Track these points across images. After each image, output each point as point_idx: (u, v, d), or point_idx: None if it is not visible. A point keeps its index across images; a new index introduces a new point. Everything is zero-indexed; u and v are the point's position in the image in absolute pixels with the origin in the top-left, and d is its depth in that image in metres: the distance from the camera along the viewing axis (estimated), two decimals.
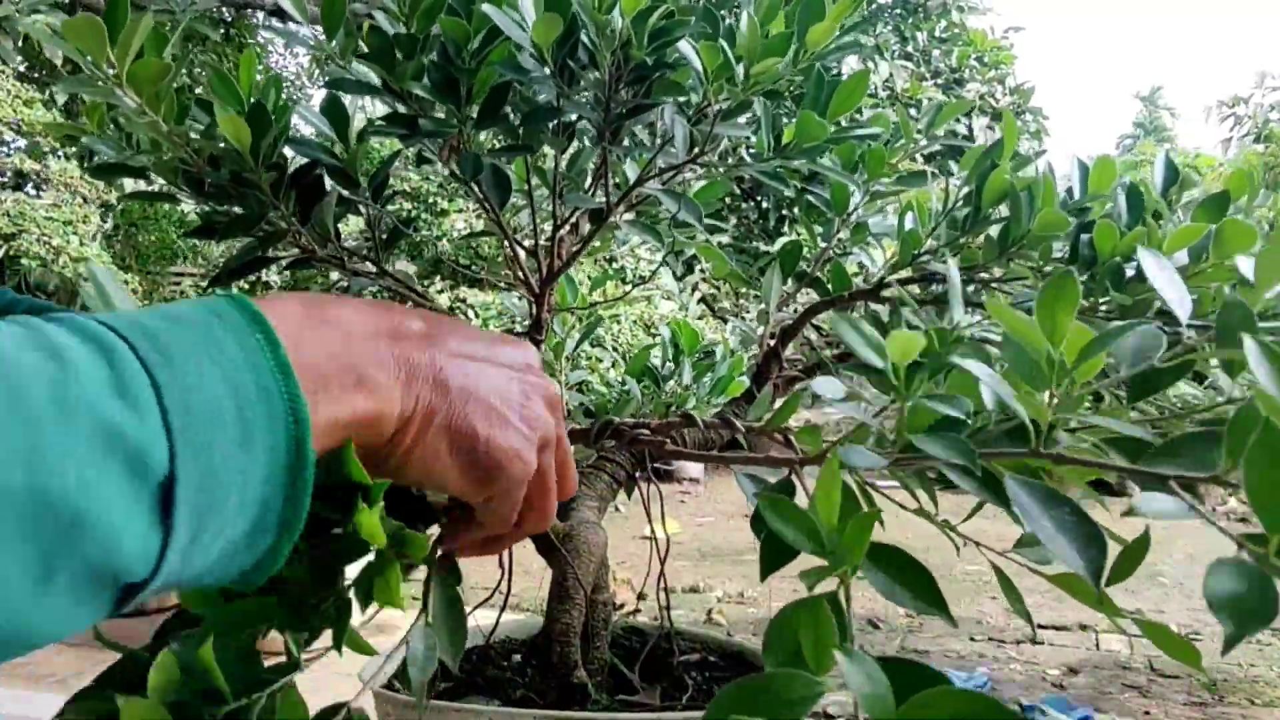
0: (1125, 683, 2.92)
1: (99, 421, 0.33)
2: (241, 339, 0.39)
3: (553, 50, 0.83)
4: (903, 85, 9.43)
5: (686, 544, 4.39)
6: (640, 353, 1.30)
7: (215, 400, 0.37)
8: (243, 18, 6.62)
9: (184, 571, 0.37)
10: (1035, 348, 0.45)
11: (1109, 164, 0.84)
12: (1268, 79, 13.03)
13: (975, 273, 0.93)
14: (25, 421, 0.32)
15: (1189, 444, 0.43)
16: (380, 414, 0.44)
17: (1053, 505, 0.44)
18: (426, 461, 0.46)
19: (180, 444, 0.35)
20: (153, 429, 0.35)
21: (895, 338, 0.49)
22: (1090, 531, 0.42)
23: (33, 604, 0.32)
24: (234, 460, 0.37)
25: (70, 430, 0.33)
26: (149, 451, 0.34)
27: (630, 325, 6.97)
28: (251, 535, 0.39)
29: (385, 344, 0.45)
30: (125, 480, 0.34)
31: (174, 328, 0.38)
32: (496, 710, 0.84)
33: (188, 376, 0.37)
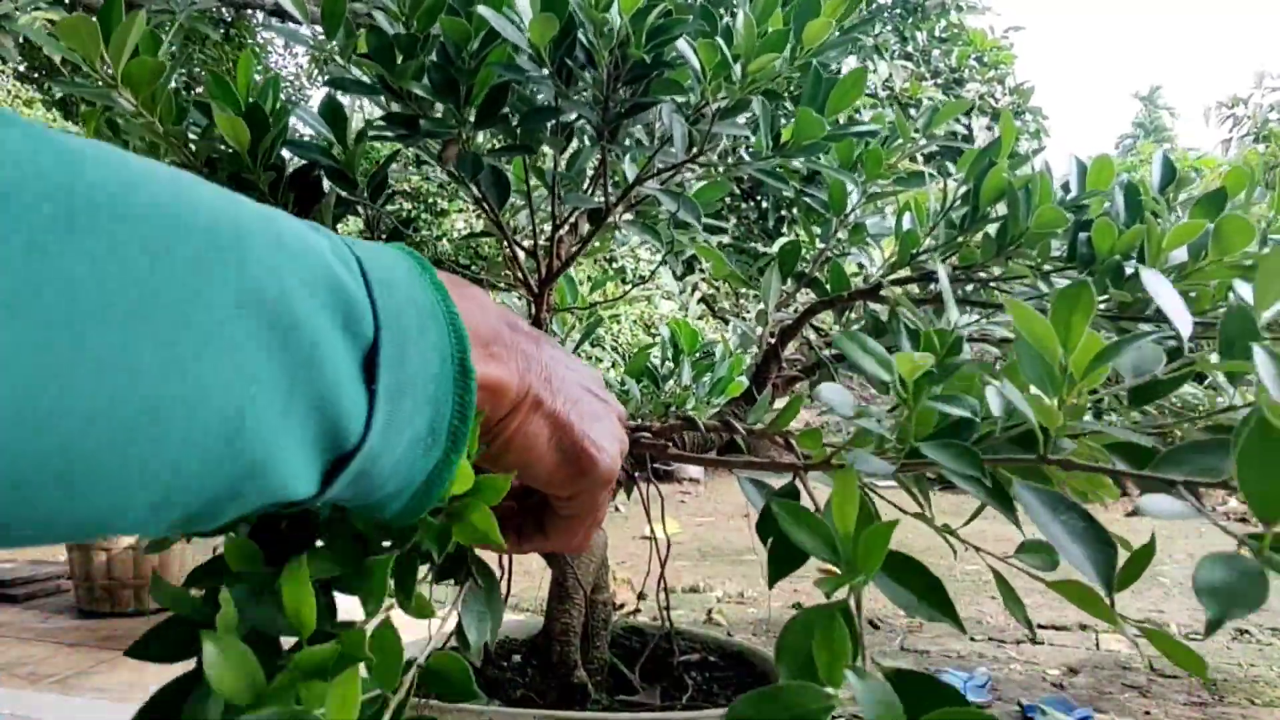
0: (1125, 683, 2.92)
1: (324, 270, 0.35)
2: (408, 258, 0.41)
3: (550, 50, 0.83)
4: (902, 85, 9.43)
5: (686, 544, 4.39)
6: (640, 353, 1.30)
7: (400, 292, 0.38)
8: (242, 18, 6.62)
9: (382, 452, 0.37)
10: (1050, 353, 0.45)
11: (1107, 162, 0.84)
12: (1267, 79, 13.03)
13: (973, 272, 0.93)
14: (278, 242, 0.33)
15: (1195, 451, 0.43)
16: (505, 385, 0.45)
17: (1062, 510, 0.44)
18: (529, 444, 0.48)
19: (382, 317, 0.37)
20: (363, 294, 0.36)
21: (903, 357, 0.49)
22: (1101, 537, 0.42)
23: (279, 433, 0.33)
24: (416, 350, 0.38)
25: (308, 262, 0.34)
26: (361, 312, 0.36)
27: (630, 325, 6.97)
28: (427, 435, 0.40)
29: (507, 329, 0.47)
30: (344, 332, 0.35)
31: (349, 248, 0.39)
32: (497, 710, 0.84)
33: (380, 264, 0.38)
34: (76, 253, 0.27)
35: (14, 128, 0.27)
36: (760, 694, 0.39)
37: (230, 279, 0.31)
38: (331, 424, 0.35)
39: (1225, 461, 0.41)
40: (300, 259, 0.34)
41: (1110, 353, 0.45)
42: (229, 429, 0.31)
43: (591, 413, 0.51)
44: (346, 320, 0.35)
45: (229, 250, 0.31)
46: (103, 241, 0.28)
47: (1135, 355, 0.49)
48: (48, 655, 2.84)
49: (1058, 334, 0.45)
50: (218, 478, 0.32)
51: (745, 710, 0.39)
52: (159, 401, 0.29)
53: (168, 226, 0.30)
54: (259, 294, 0.32)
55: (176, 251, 0.30)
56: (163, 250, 0.29)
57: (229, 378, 0.31)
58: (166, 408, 0.29)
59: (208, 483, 0.32)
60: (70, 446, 0.27)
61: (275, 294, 0.32)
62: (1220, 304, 0.73)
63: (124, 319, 0.28)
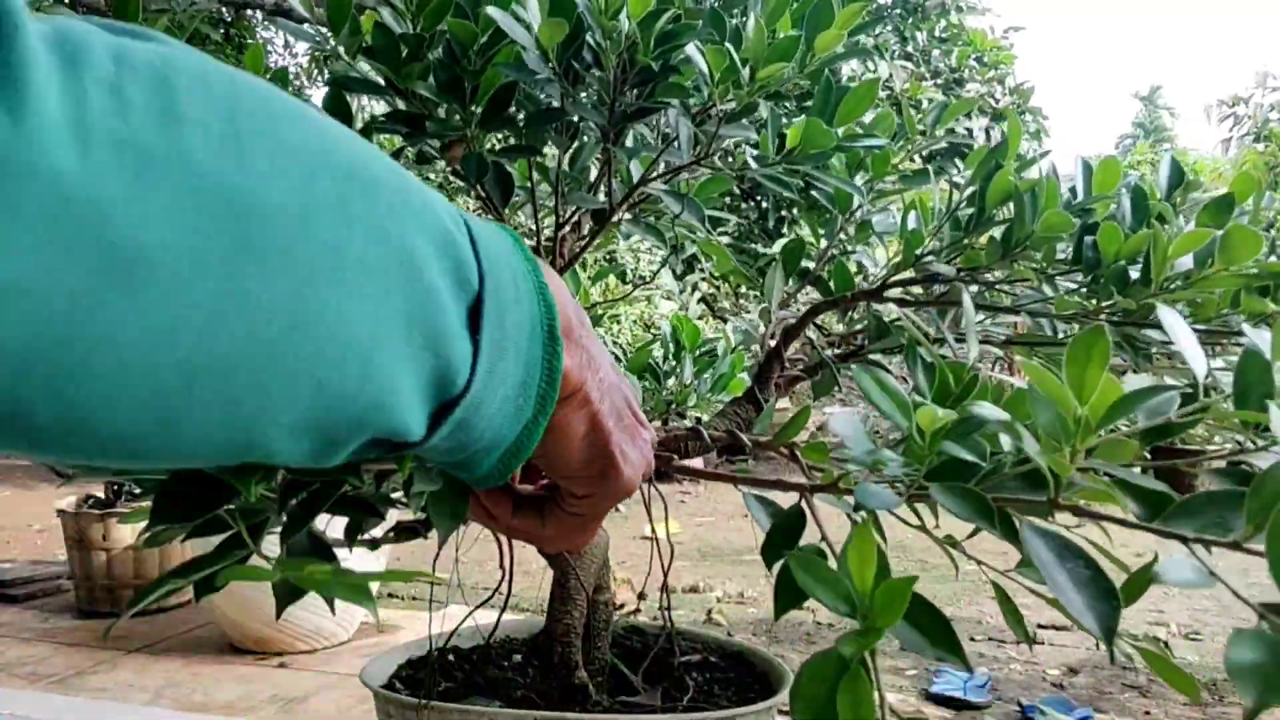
0: (1125, 683, 2.92)
1: (440, 225, 0.37)
2: (505, 236, 0.43)
3: (558, 51, 0.83)
4: (902, 85, 9.43)
5: (686, 544, 4.40)
6: (641, 350, 1.29)
7: (499, 256, 0.40)
8: (242, 18, 6.62)
9: (484, 403, 0.39)
10: (1064, 407, 0.45)
11: (1113, 165, 0.84)
12: (1268, 79, 13.02)
13: (978, 274, 0.93)
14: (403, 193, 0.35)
15: (1208, 503, 0.43)
16: (569, 372, 0.46)
17: (1068, 558, 0.44)
18: (567, 434, 0.48)
19: (486, 271, 0.38)
20: (471, 254, 0.38)
21: (924, 412, 0.49)
22: (1104, 588, 0.42)
23: (401, 367, 0.35)
24: (513, 312, 0.40)
25: (429, 215, 0.36)
26: (470, 270, 0.38)
27: (630, 324, 6.97)
28: (519, 396, 0.42)
29: (580, 326, 0.48)
30: (455, 283, 0.37)
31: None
32: (497, 710, 0.84)
33: (480, 228, 0.40)
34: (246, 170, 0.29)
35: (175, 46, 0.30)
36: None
37: (363, 218, 0.33)
38: (443, 367, 0.37)
39: (1238, 518, 0.41)
40: (422, 213, 0.36)
41: (1129, 404, 0.45)
42: (363, 356, 0.33)
43: (628, 426, 0.52)
44: (457, 274, 0.37)
45: (363, 194, 0.33)
46: (264, 163, 0.30)
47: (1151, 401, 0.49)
48: (48, 655, 2.84)
49: (1072, 384, 0.45)
50: (351, 404, 0.33)
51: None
52: (309, 317, 0.31)
53: (316, 161, 0.32)
54: (386, 236, 0.34)
55: (319, 185, 0.32)
56: (309, 179, 0.31)
57: (365, 307, 0.33)
58: (314, 324, 0.31)
59: (342, 408, 0.33)
60: (239, 348, 0.29)
61: (399, 240, 0.34)
62: (1225, 311, 0.73)
63: (285, 233, 0.30)
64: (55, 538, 3.68)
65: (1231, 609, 4.00)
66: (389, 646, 1.05)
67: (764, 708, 0.87)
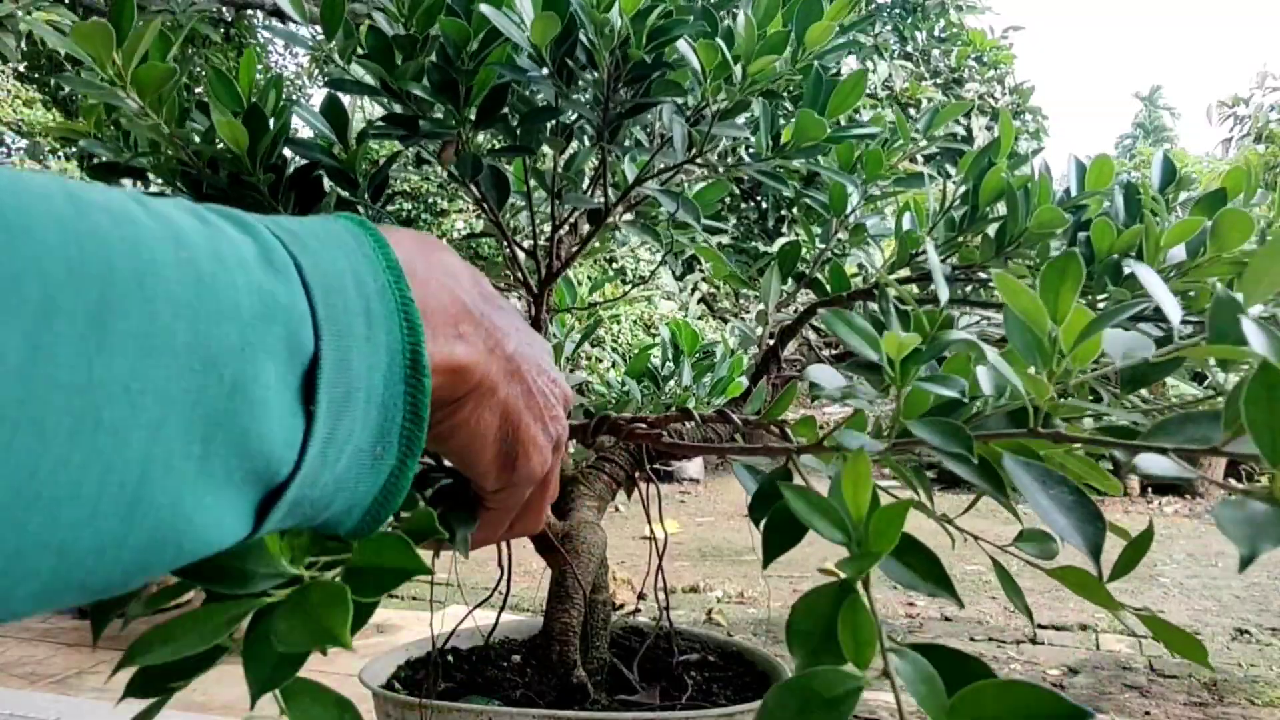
0: (1125, 683, 2.92)
1: (256, 285, 0.32)
2: (358, 239, 0.38)
3: (551, 50, 0.83)
4: (901, 85, 9.43)
5: (686, 544, 4.39)
6: (640, 353, 1.30)
7: (345, 288, 0.36)
8: (242, 18, 6.62)
9: (321, 475, 0.35)
10: (1039, 325, 0.45)
11: (1106, 163, 0.85)
12: (1268, 79, 13.02)
13: (973, 271, 0.93)
14: (196, 276, 0.29)
15: (1185, 422, 0.43)
16: (469, 367, 0.42)
17: (1051, 483, 0.44)
18: (474, 431, 0.45)
19: (323, 323, 0.34)
20: (301, 302, 0.33)
21: (890, 336, 0.49)
22: (1089, 510, 0.42)
23: (193, 490, 0.30)
24: (362, 352, 0.35)
25: (234, 290, 0.31)
26: (300, 325, 0.33)
27: (630, 325, 6.97)
28: (376, 444, 0.37)
29: (481, 302, 0.44)
30: (281, 352, 0.32)
31: (297, 221, 0.37)
32: (497, 710, 0.84)
33: (321, 260, 0.35)
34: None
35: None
36: (787, 685, 0.39)
37: (131, 330, 0.27)
38: (261, 461, 0.32)
39: (1215, 430, 0.41)
40: (222, 286, 0.30)
41: (1104, 320, 0.45)
42: (126, 500, 0.28)
43: (538, 406, 0.48)
44: (281, 340, 0.32)
45: (132, 295, 0.27)
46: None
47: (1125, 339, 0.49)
48: (48, 655, 2.84)
49: (1046, 305, 0.45)
50: (118, 554, 0.28)
51: (775, 703, 0.38)
52: (37, 481, 0.25)
53: (63, 270, 0.26)
54: (168, 342, 0.28)
55: (65, 303, 0.26)
56: (51, 306, 0.25)
57: (126, 446, 0.27)
58: (47, 487, 0.26)
59: (105, 561, 0.28)
60: None
61: (188, 337, 0.29)
62: None
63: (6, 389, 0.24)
64: None
65: (1231, 609, 4.00)
66: (388, 647, 1.05)
67: None
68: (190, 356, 0.29)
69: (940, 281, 0.64)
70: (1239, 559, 0.35)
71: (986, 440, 0.48)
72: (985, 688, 0.36)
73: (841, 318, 0.54)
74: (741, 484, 0.62)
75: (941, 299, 0.63)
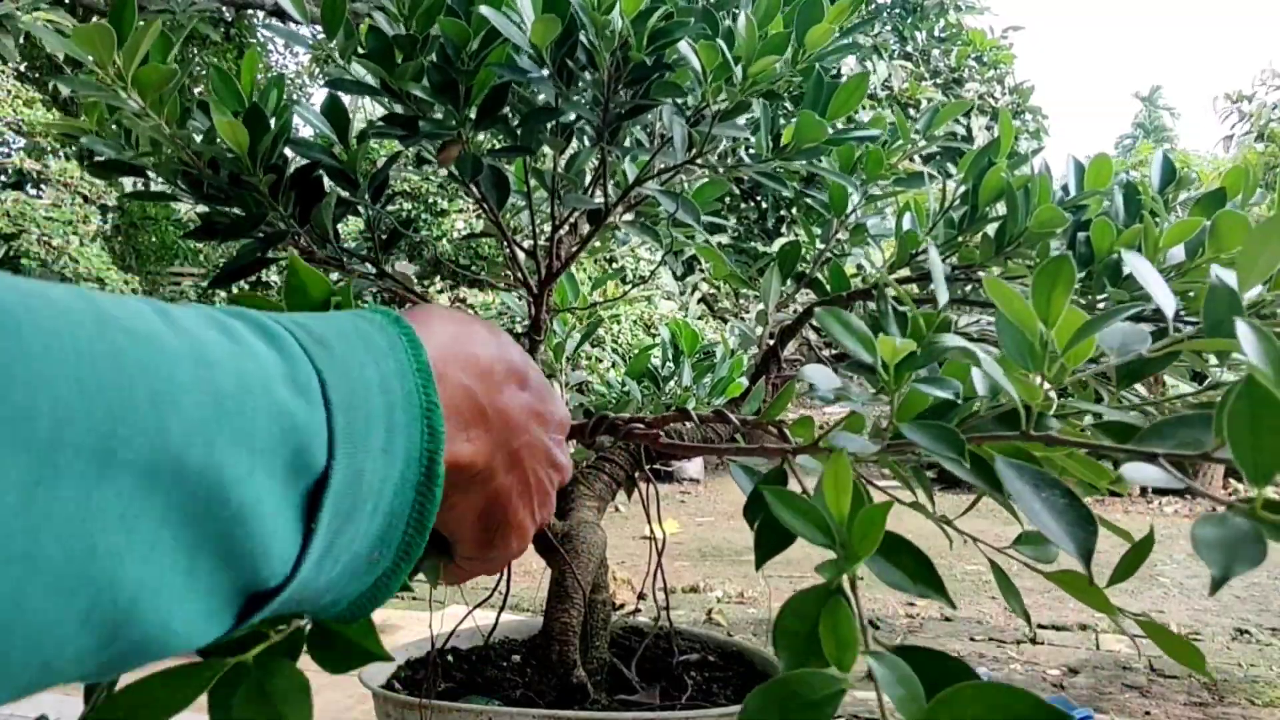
0: (1125, 683, 2.93)
1: (276, 407, 0.32)
2: (391, 341, 0.39)
3: (551, 51, 0.83)
4: (901, 85, 9.43)
5: (686, 544, 4.40)
6: (640, 354, 1.30)
7: (369, 399, 0.36)
8: (243, 18, 6.62)
9: (312, 582, 0.35)
10: (1029, 328, 0.45)
11: (1105, 162, 0.85)
12: (1271, 77, 13.00)
13: (973, 271, 0.93)
14: (214, 398, 0.30)
15: (1179, 425, 0.43)
16: (471, 466, 0.43)
17: (1044, 487, 0.44)
18: (459, 513, 0.46)
19: (339, 443, 0.34)
20: (319, 423, 0.33)
21: (885, 340, 0.49)
22: (1081, 513, 0.42)
23: (180, 604, 0.30)
24: (377, 466, 0.36)
25: (251, 413, 0.31)
26: (312, 447, 0.33)
27: (630, 325, 6.97)
28: (374, 549, 0.38)
29: (499, 392, 0.45)
30: (287, 474, 0.32)
31: (329, 324, 0.37)
32: (496, 710, 0.84)
33: (349, 373, 0.36)
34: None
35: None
36: (769, 687, 0.39)
37: (138, 460, 0.27)
38: (252, 575, 0.32)
39: (1208, 434, 0.41)
40: (240, 410, 0.31)
41: (1097, 324, 0.45)
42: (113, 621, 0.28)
43: (535, 493, 0.48)
44: (291, 463, 0.32)
45: (143, 422, 0.28)
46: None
47: (1121, 334, 0.49)
48: None
49: (1038, 309, 0.45)
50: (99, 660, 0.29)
51: (755, 704, 0.39)
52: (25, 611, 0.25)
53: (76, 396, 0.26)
54: (174, 468, 0.28)
55: (72, 436, 0.26)
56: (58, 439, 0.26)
57: (118, 571, 0.27)
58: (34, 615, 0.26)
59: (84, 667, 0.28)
60: None
61: (197, 463, 0.29)
62: None
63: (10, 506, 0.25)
64: None
65: (1231, 609, 4.00)
66: (389, 646, 1.05)
67: None
68: (195, 483, 0.29)
69: (940, 283, 0.64)
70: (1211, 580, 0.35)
71: (981, 442, 0.48)
72: (964, 690, 0.36)
73: (837, 318, 0.54)
74: (738, 484, 0.62)
75: (940, 300, 0.63)
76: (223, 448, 0.30)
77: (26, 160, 7.38)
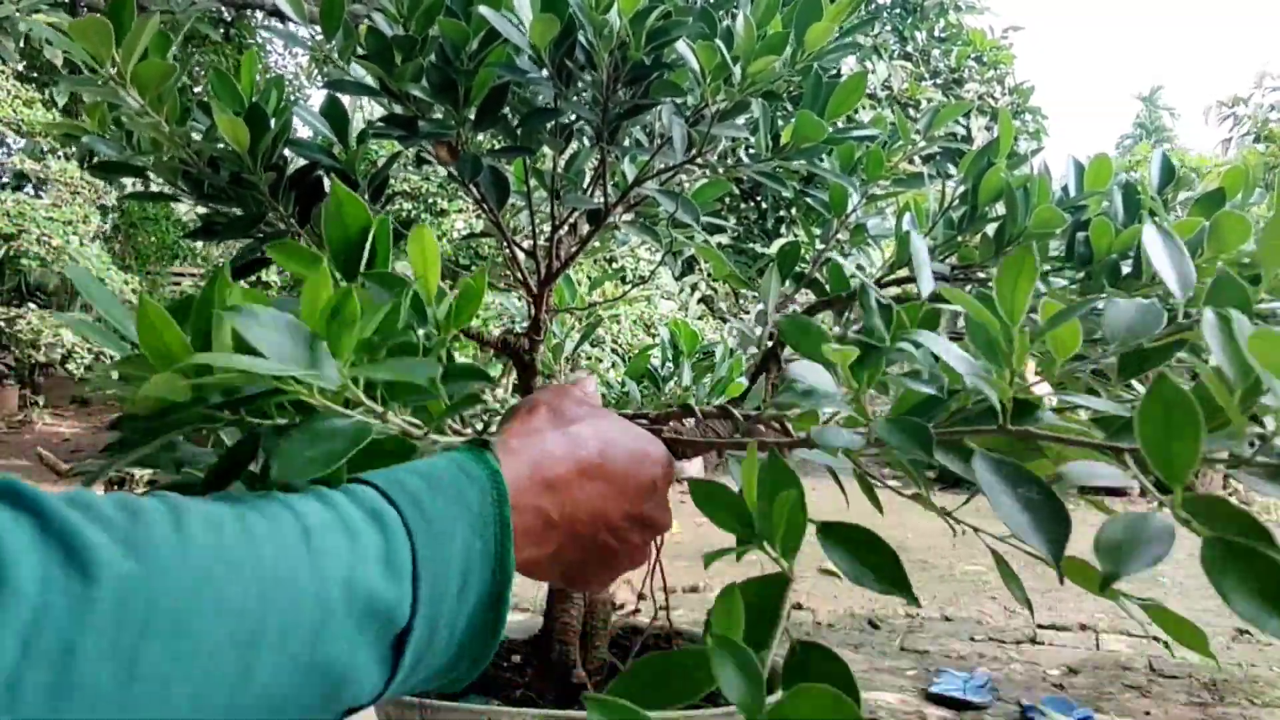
0: (1125, 683, 2.92)
1: (371, 597, 0.42)
2: (482, 495, 0.49)
3: (550, 51, 0.83)
4: (901, 85, 9.44)
5: (686, 544, 4.39)
6: (640, 354, 1.30)
7: (452, 562, 0.46)
8: (242, 18, 6.62)
9: (395, 691, 0.44)
10: (990, 325, 0.46)
11: (1105, 163, 0.85)
12: (1267, 79, 13.01)
13: (972, 271, 0.93)
14: (320, 603, 0.40)
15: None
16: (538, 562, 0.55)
17: (1020, 483, 0.44)
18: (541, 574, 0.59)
19: (421, 604, 0.44)
20: (406, 595, 0.43)
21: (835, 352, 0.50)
22: (1056, 511, 0.42)
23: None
24: (451, 610, 0.46)
25: (350, 610, 0.41)
26: (398, 613, 0.43)
27: (630, 325, 6.96)
28: (448, 669, 0.48)
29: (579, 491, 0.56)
30: (377, 639, 0.42)
31: (435, 493, 0.47)
32: (496, 710, 0.84)
33: (440, 545, 0.45)
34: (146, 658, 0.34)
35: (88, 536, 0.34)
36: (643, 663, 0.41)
37: (266, 660, 0.37)
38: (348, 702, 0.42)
39: None
40: (342, 602, 0.41)
41: (1071, 312, 0.45)
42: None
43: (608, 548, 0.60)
44: (381, 630, 0.42)
45: (269, 634, 0.38)
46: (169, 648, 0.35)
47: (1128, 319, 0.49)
48: None
49: (1003, 302, 0.45)
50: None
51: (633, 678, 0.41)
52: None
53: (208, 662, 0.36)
54: (289, 662, 0.38)
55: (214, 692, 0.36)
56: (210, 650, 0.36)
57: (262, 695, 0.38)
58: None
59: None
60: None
61: (312, 653, 0.39)
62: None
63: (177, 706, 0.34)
64: None
65: None
66: None
67: None
68: (311, 668, 0.39)
69: (923, 273, 0.64)
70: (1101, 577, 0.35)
71: (961, 438, 0.48)
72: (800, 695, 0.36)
73: (797, 326, 0.55)
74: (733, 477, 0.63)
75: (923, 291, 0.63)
76: (330, 643, 0.40)
77: (26, 161, 7.38)
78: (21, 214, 6.83)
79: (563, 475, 0.55)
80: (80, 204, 7.29)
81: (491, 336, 1.05)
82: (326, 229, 0.57)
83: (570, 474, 0.56)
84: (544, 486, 0.54)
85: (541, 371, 1.06)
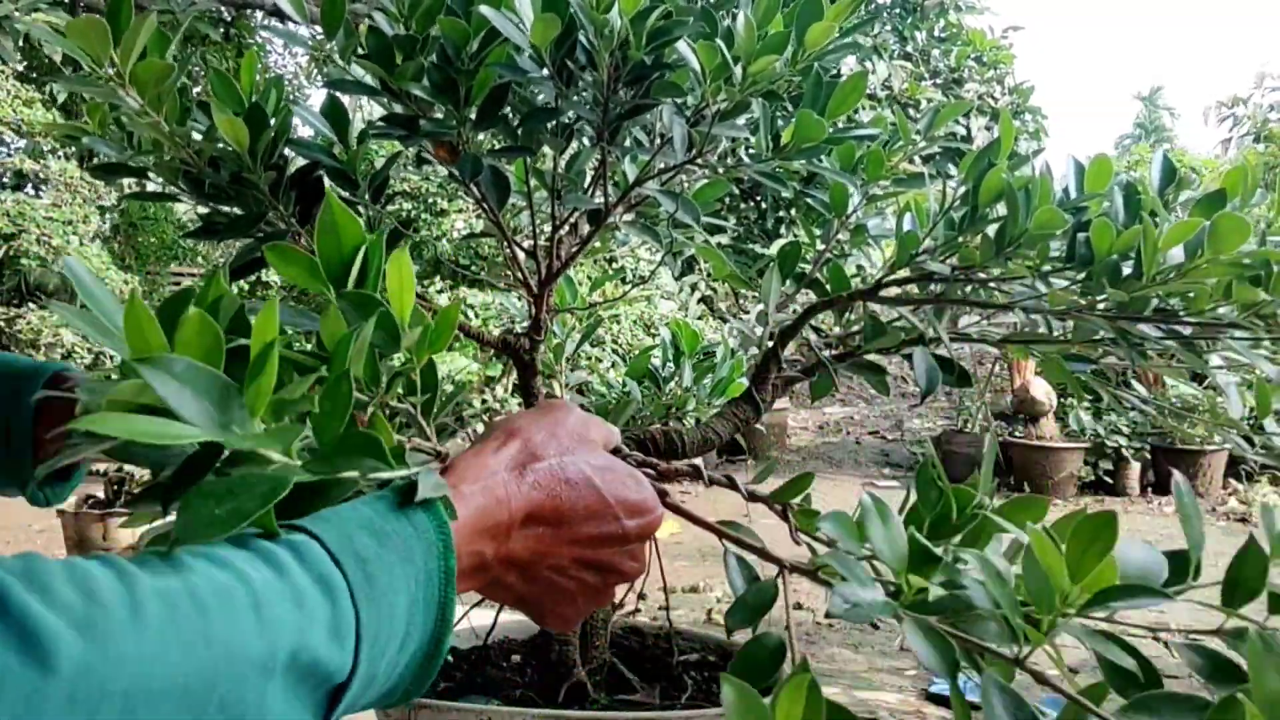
0: None
1: (314, 663, 0.45)
2: (427, 549, 0.52)
3: (551, 51, 0.83)
4: (901, 85, 9.43)
5: (686, 544, 4.39)
6: (641, 355, 1.30)
7: (395, 620, 0.49)
8: (242, 17, 6.62)
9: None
10: (1055, 581, 0.49)
11: (1105, 163, 0.84)
12: (1267, 79, 13.01)
13: (973, 272, 0.93)
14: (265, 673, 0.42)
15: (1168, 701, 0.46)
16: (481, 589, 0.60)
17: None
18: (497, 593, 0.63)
19: (361, 664, 0.47)
20: (348, 659, 0.46)
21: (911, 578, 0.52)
22: None
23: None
24: (390, 662, 0.49)
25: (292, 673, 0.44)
26: (339, 674, 0.46)
27: (630, 325, 6.96)
28: (382, 700, 0.51)
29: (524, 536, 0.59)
30: (312, 693, 0.45)
31: (382, 550, 0.49)
32: (496, 710, 0.84)
33: (383, 607, 0.48)
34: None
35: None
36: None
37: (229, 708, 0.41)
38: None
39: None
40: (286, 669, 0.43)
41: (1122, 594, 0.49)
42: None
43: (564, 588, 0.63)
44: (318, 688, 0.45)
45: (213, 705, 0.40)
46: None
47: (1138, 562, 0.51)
48: None
49: (1070, 561, 0.48)
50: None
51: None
52: None
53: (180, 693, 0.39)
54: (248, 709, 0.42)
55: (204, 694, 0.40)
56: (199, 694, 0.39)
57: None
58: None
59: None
60: None
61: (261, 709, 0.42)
62: (1219, 302, 0.73)
63: None
64: (55, 538, 3.69)
65: None
66: None
67: None
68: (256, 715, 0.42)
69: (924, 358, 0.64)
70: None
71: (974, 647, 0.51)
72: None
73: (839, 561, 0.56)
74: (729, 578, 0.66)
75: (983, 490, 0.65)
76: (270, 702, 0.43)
77: (26, 161, 7.38)
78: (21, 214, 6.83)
79: (503, 522, 0.58)
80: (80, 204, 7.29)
81: (492, 336, 1.05)
82: (319, 241, 0.57)
83: (513, 520, 0.58)
84: (482, 532, 0.57)
85: (542, 371, 1.06)
